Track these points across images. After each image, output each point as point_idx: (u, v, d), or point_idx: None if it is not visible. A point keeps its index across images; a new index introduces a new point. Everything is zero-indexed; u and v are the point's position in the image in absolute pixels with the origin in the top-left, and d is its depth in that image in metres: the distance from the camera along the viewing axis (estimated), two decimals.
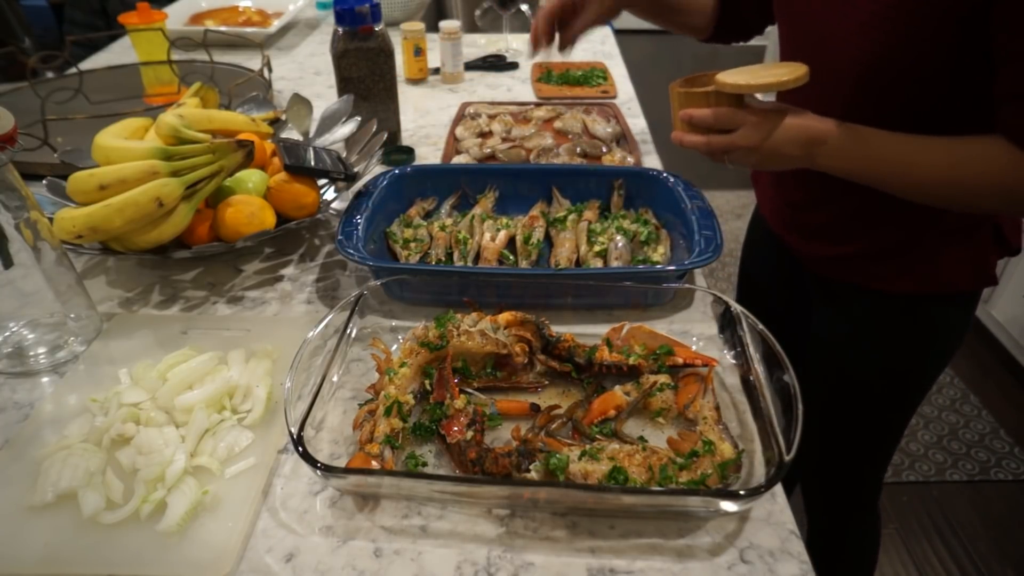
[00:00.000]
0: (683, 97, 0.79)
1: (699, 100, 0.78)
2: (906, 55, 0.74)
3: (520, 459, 0.61)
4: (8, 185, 0.72)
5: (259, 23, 1.87)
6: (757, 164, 0.79)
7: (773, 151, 0.76)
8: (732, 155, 0.79)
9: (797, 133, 0.76)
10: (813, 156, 0.77)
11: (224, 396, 0.70)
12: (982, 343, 2.32)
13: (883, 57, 0.75)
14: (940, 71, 0.75)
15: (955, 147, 0.74)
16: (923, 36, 0.72)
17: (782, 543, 0.59)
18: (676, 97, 0.80)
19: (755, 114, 0.76)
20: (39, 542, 0.58)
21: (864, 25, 0.75)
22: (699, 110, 0.78)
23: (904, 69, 0.76)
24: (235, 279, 0.93)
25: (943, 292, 0.91)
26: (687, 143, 0.80)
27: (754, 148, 0.76)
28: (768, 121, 0.75)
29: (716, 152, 0.79)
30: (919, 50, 0.74)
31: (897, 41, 0.74)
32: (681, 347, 0.76)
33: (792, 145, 0.76)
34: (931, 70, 0.75)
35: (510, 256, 0.95)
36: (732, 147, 0.77)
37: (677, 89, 0.80)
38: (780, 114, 0.76)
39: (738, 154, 0.78)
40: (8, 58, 1.58)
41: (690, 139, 0.79)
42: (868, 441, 1.07)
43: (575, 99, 1.49)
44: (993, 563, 1.69)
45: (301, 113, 1.20)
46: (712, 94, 0.77)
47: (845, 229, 0.93)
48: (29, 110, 1.14)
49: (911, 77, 0.76)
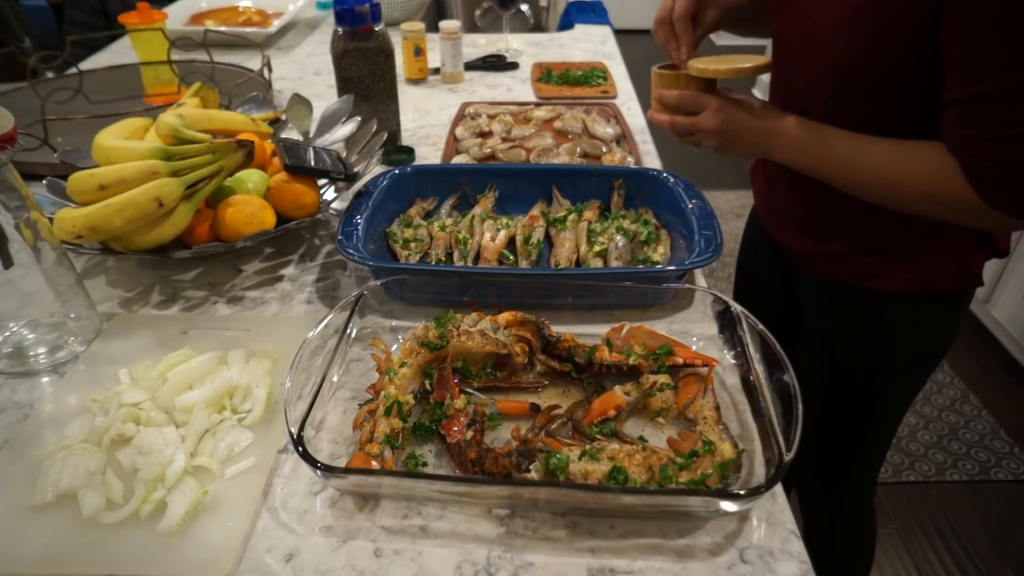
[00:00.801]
0: (658, 78, 0.87)
1: (671, 82, 0.86)
2: (878, 58, 0.75)
3: (520, 459, 0.61)
4: (8, 185, 0.72)
5: (259, 23, 1.87)
6: (717, 147, 0.85)
7: (731, 136, 0.83)
8: (694, 136, 0.86)
9: (755, 122, 0.82)
10: (769, 146, 0.83)
11: (224, 396, 0.70)
12: (982, 343, 2.32)
13: (856, 59, 0.76)
14: (915, 75, 0.75)
15: (897, 148, 0.77)
16: (889, 41, 0.73)
17: (782, 543, 0.59)
18: (654, 78, 0.88)
19: (718, 100, 0.82)
20: (39, 542, 0.58)
21: (837, 27, 0.76)
22: (668, 91, 0.85)
23: (880, 71, 0.76)
24: (235, 279, 0.93)
25: (927, 291, 0.91)
26: (655, 121, 0.89)
27: (713, 131, 0.83)
28: (729, 107, 0.82)
29: (680, 131, 0.86)
30: (889, 54, 0.74)
31: (867, 44, 0.74)
32: (681, 347, 0.76)
33: (749, 132, 0.83)
34: (906, 73, 0.75)
35: (510, 256, 0.95)
36: (694, 128, 0.84)
37: (655, 71, 0.88)
38: (743, 104, 0.82)
39: (699, 136, 0.85)
40: (8, 58, 1.58)
41: (658, 117, 0.88)
42: (862, 438, 1.08)
43: (575, 99, 1.49)
44: (993, 563, 1.69)
45: (301, 113, 1.20)
46: (683, 77, 0.85)
47: (830, 226, 0.93)
48: (29, 110, 1.14)
49: (887, 80, 0.77)
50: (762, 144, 0.83)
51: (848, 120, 0.79)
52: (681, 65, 0.86)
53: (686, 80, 0.84)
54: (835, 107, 0.81)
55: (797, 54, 0.84)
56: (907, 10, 0.70)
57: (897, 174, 0.77)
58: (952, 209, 0.76)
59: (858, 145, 0.79)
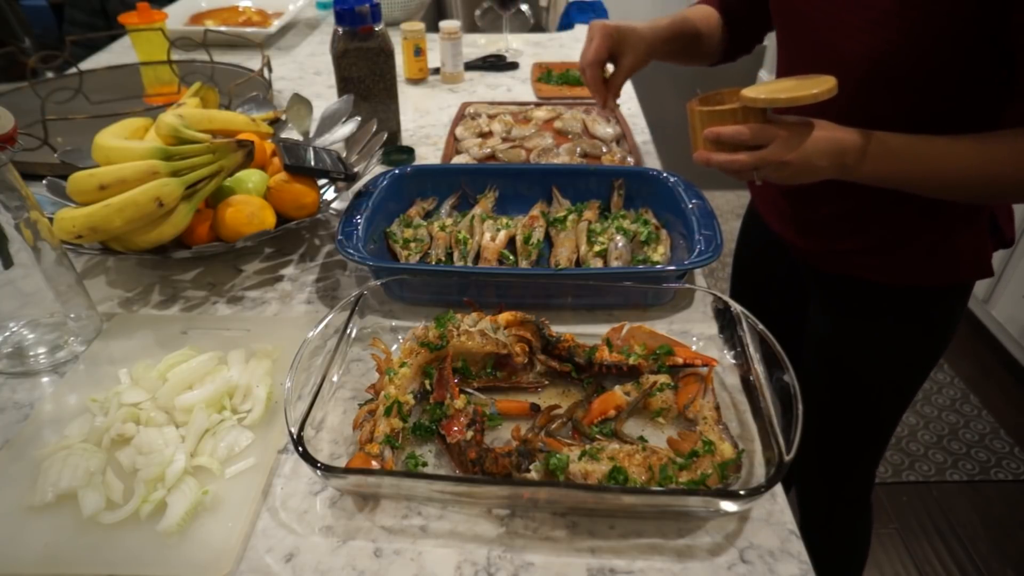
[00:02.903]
0: (706, 116, 0.78)
1: (724, 118, 0.77)
2: (915, 52, 0.75)
3: (520, 459, 0.61)
4: (8, 185, 0.72)
5: (259, 23, 1.87)
6: (788, 178, 0.78)
7: (804, 164, 0.75)
8: (762, 171, 0.77)
9: (827, 145, 0.75)
10: (843, 166, 0.77)
11: (224, 396, 0.70)
12: (982, 343, 2.32)
13: (892, 54, 0.76)
14: (947, 69, 0.75)
15: (984, 142, 0.75)
16: (934, 33, 0.73)
17: (782, 543, 0.59)
18: (698, 116, 0.79)
19: (785, 128, 0.75)
20: (39, 542, 0.58)
21: (874, 22, 0.75)
22: (729, 128, 0.76)
23: (912, 66, 0.76)
24: (235, 279, 0.93)
25: (939, 284, 0.91)
26: (715, 162, 0.78)
27: (786, 163, 0.75)
28: (798, 135, 0.75)
29: (746, 169, 0.77)
30: (929, 47, 0.74)
31: (908, 38, 0.74)
32: (681, 347, 0.76)
33: (822, 157, 0.75)
34: (938, 68, 0.76)
35: (510, 256, 0.95)
36: (763, 163, 0.76)
37: (698, 108, 0.79)
38: (808, 127, 0.75)
39: (768, 169, 0.77)
40: (8, 58, 1.58)
41: (718, 158, 0.78)
42: (862, 434, 1.08)
43: (575, 99, 1.49)
44: (993, 563, 1.69)
45: (301, 113, 1.20)
46: (740, 111, 0.76)
47: (847, 224, 0.93)
48: (29, 110, 1.13)
49: (918, 75, 0.77)
50: (835, 166, 0.76)
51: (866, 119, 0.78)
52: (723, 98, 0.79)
53: (744, 113, 0.76)
54: (855, 106, 0.80)
55: (818, 55, 0.82)
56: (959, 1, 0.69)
57: (994, 168, 0.75)
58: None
59: (940, 149, 0.76)
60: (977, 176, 0.76)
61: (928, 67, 0.76)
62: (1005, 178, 0.75)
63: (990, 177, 0.75)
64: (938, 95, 0.78)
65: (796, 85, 0.74)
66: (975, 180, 0.76)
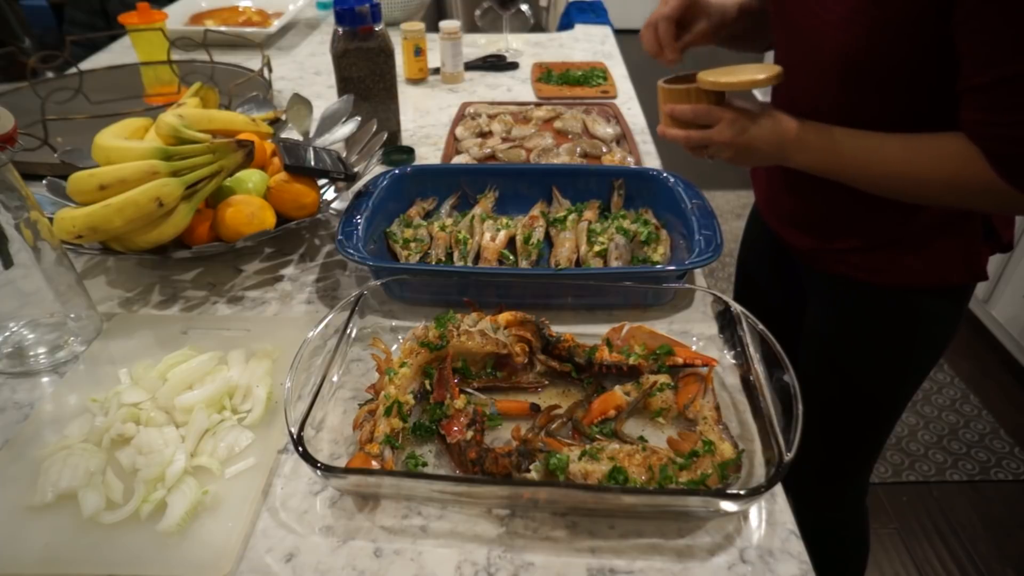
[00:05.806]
0: (667, 93, 0.85)
1: (682, 96, 0.84)
2: (886, 50, 0.75)
3: (520, 459, 0.61)
4: (8, 185, 0.72)
5: (259, 23, 1.87)
6: (733, 159, 0.84)
7: (747, 147, 0.81)
8: (709, 149, 0.84)
9: (769, 132, 0.81)
10: (784, 154, 0.82)
11: (224, 396, 0.70)
12: (982, 343, 2.32)
13: (864, 51, 0.76)
14: (924, 67, 0.75)
15: (911, 142, 0.77)
16: (901, 32, 0.73)
17: (782, 543, 0.59)
18: (661, 93, 0.86)
19: (731, 111, 0.81)
20: (39, 542, 0.58)
21: (843, 19, 0.76)
22: (680, 105, 0.83)
23: (888, 65, 0.76)
24: (235, 279, 0.93)
25: (933, 285, 0.91)
26: (668, 136, 0.86)
27: (729, 143, 0.81)
28: (743, 118, 0.80)
29: (694, 146, 0.84)
30: (899, 45, 0.74)
31: (875, 37, 0.74)
32: (681, 347, 0.76)
33: (765, 142, 0.81)
34: (914, 66, 0.76)
35: (510, 256, 0.95)
36: (709, 142, 0.82)
37: (662, 85, 0.86)
38: (755, 113, 0.81)
39: (714, 148, 0.83)
40: (8, 58, 1.58)
41: (671, 132, 0.85)
42: (860, 434, 1.08)
43: (575, 99, 1.49)
44: (993, 563, 1.69)
45: (301, 113, 1.20)
46: (693, 91, 0.82)
47: (836, 223, 0.94)
48: (29, 110, 1.13)
49: (896, 73, 0.77)
50: (777, 152, 0.82)
51: (856, 117, 0.79)
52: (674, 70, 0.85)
53: (697, 94, 0.82)
54: (842, 103, 0.81)
55: (802, 51, 0.84)
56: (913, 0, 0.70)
57: (915, 168, 0.76)
58: (977, 197, 0.76)
59: (871, 143, 0.78)
60: (900, 174, 0.78)
61: (902, 66, 0.76)
62: (925, 179, 0.76)
63: (911, 176, 0.77)
64: (917, 94, 0.78)
65: (743, 71, 0.80)
66: (899, 178, 0.78)
